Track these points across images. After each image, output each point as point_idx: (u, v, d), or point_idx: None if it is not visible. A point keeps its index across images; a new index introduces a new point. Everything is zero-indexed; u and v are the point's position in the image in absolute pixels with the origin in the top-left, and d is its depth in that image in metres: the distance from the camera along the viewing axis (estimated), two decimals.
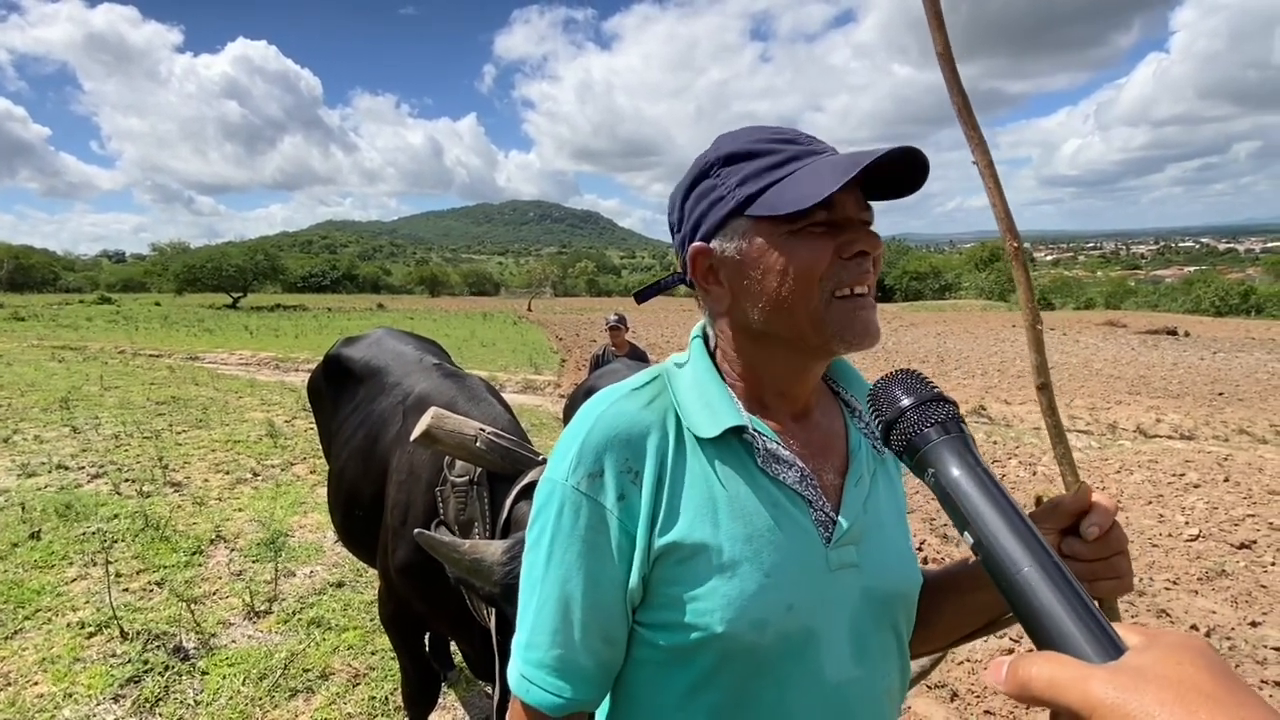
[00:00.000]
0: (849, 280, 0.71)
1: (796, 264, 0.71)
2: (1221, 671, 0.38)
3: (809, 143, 0.74)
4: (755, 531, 0.72)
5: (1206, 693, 0.37)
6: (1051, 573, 0.48)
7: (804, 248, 0.71)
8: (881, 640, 0.78)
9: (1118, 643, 0.44)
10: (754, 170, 0.73)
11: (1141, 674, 0.39)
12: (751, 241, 0.73)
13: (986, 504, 0.53)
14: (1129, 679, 0.38)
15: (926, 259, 64.84)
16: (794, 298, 0.72)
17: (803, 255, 0.71)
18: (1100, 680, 0.39)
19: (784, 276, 0.72)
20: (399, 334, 2.97)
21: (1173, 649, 0.40)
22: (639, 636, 0.76)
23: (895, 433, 0.61)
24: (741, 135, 0.76)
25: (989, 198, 0.71)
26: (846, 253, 0.71)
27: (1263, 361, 15.63)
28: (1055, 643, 0.46)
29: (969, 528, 0.54)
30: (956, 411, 0.61)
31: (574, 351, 17.56)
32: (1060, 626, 0.46)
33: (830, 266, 0.71)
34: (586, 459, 0.73)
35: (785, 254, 0.71)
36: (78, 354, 15.52)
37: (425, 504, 1.90)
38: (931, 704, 3.00)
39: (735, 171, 0.74)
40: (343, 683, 3.01)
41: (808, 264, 0.71)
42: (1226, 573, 4.30)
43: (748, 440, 0.75)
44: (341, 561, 4.18)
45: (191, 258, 46.58)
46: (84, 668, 3.04)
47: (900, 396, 0.61)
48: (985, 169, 0.71)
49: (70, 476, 5.81)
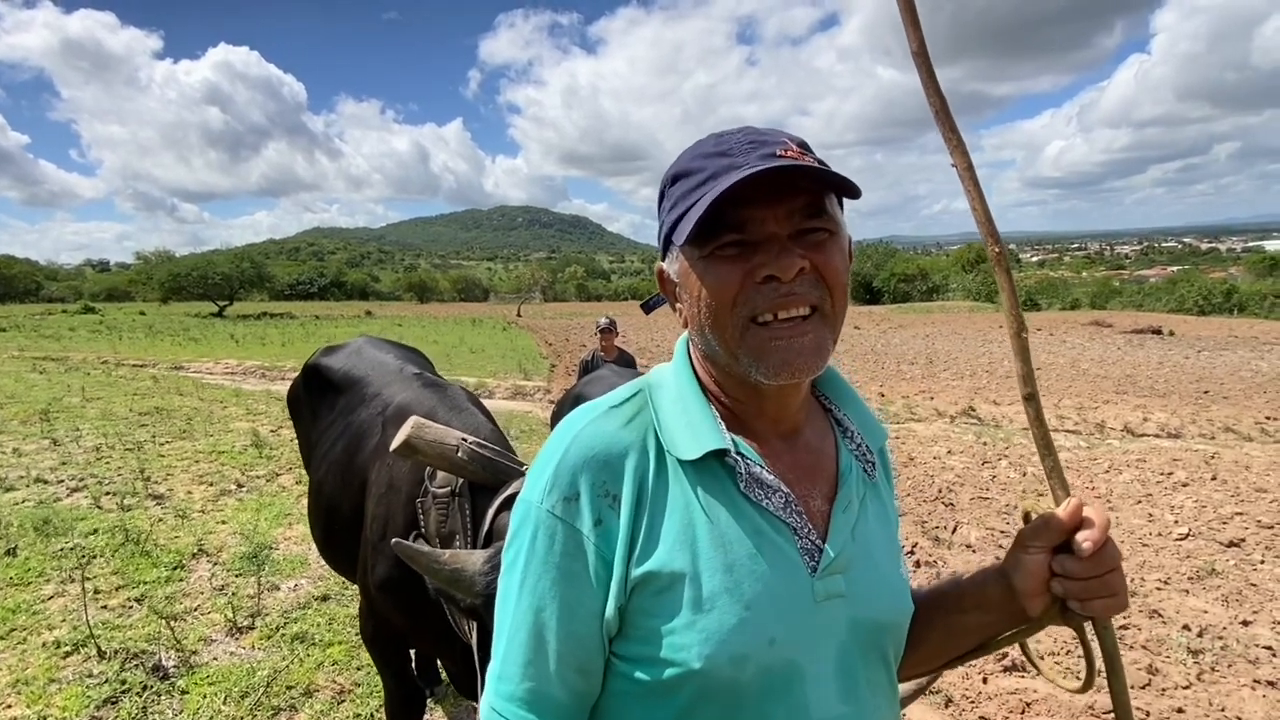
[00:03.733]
0: (764, 306, 0.67)
1: (707, 290, 0.69)
2: None
3: (741, 153, 0.68)
4: (736, 561, 0.68)
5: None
6: None
7: (711, 273, 0.68)
8: (871, 674, 0.74)
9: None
10: (681, 193, 0.70)
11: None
12: (680, 265, 0.72)
13: None
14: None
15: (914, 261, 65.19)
16: (714, 324, 0.69)
17: (710, 281, 0.68)
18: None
19: (699, 302, 0.70)
20: (380, 343, 2.92)
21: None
22: (615, 668, 0.72)
23: None
24: (689, 150, 0.73)
25: (969, 202, 0.68)
26: (755, 277, 0.67)
27: (1246, 359, 15.79)
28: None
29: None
30: None
31: (564, 357, 17.50)
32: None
33: (742, 292, 0.67)
34: (562, 481, 0.69)
35: (699, 279, 0.69)
36: (60, 365, 15.30)
37: (405, 516, 1.85)
38: (926, 710, 2.97)
39: (673, 193, 0.72)
40: (327, 700, 2.94)
41: (714, 290, 0.68)
42: (1217, 571, 4.30)
43: (730, 464, 0.71)
44: (326, 575, 4.11)
45: (176, 266, 46.11)
46: (59, 689, 2.96)
47: None
48: (965, 172, 0.67)
49: (49, 490, 5.70)
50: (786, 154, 0.66)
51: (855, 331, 25.28)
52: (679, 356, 0.80)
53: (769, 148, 0.67)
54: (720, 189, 0.63)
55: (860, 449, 0.80)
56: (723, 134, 0.71)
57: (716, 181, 0.66)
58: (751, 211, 0.66)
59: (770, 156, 0.65)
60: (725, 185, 0.63)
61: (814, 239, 0.68)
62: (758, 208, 0.66)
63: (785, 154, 0.66)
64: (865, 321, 31.18)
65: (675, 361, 0.80)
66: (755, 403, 0.75)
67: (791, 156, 0.65)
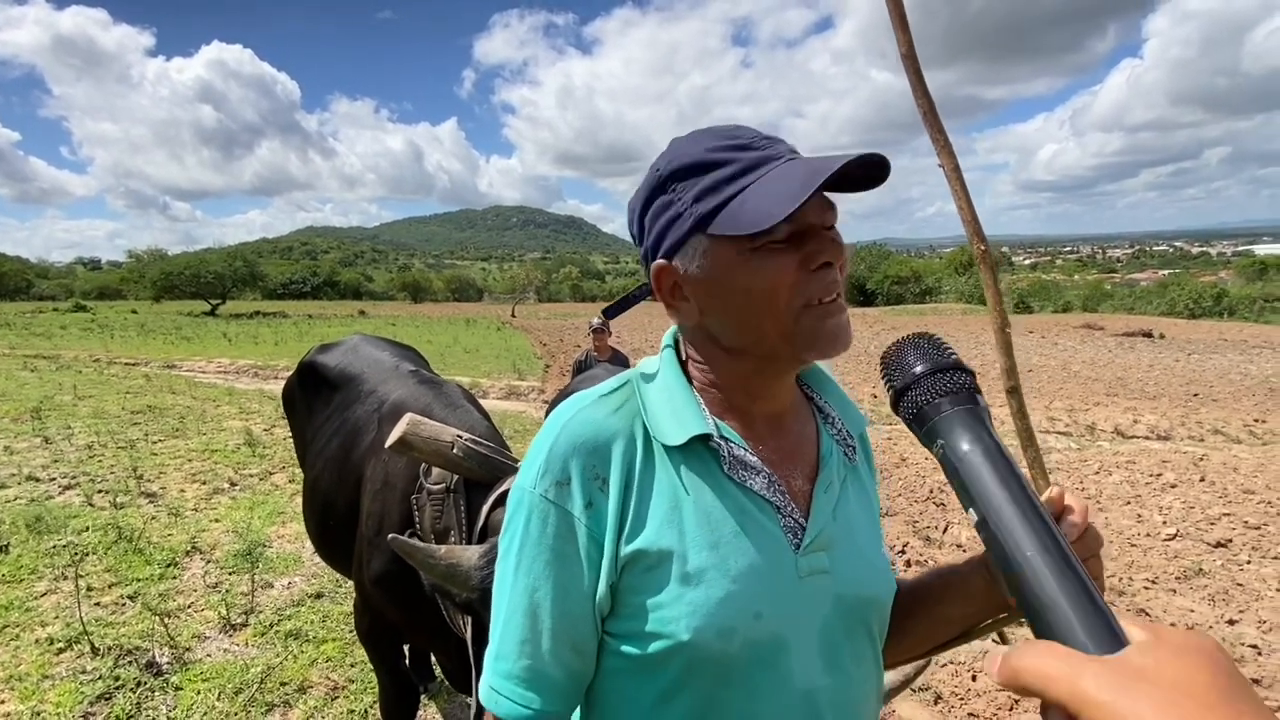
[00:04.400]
0: (817, 293, 0.69)
1: (761, 282, 0.69)
2: (1225, 676, 0.36)
3: (765, 146, 0.70)
4: (721, 538, 0.71)
5: (1201, 698, 0.34)
6: (1057, 559, 0.46)
7: (768, 265, 0.68)
8: (854, 647, 0.77)
9: (1120, 635, 0.41)
10: (710, 184, 0.69)
11: (1139, 673, 0.36)
12: (713, 260, 0.70)
13: (996, 482, 0.50)
14: (1123, 677, 0.36)
15: (907, 263, 65.37)
16: (761, 315, 0.70)
17: (767, 273, 0.68)
18: (1092, 675, 0.37)
19: (748, 295, 0.70)
20: (375, 340, 2.93)
21: (1179, 650, 0.37)
22: (608, 646, 0.74)
23: (905, 400, 0.57)
24: (695, 143, 0.73)
25: (955, 201, 0.71)
26: (812, 265, 0.68)
27: (1235, 363, 15.92)
28: (1053, 631, 0.43)
29: (975, 504, 0.51)
30: (973, 381, 0.57)
31: (558, 357, 17.49)
32: (1060, 614, 0.43)
33: (796, 282, 0.69)
34: (554, 466, 0.72)
35: (748, 272, 0.69)
36: (51, 363, 15.21)
37: (400, 513, 1.86)
38: (915, 708, 2.99)
39: (690, 186, 0.71)
40: (321, 696, 2.95)
41: (772, 282, 0.68)
42: (1204, 571, 4.35)
43: (714, 447, 0.74)
44: (320, 572, 4.11)
45: (169, 265, 45.89)
46: (53, 685, 2.96)
47: (914, 362, 0.58)
48: (951, 172, 0.70)
49: (41, 488, 5.68)
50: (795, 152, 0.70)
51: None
52: (666, 354, 0.82)
53: (783, 144, 0.71)
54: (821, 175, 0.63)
55: (841, 434, 0.83)
56: (719, 129, 0.73)
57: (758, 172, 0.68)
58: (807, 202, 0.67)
59: (792, 151, 0.69)
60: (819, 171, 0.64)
61: (834, 233, 0.71)
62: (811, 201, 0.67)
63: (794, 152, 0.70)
64: (859, 323, 31.24)
65: (662, 358, 0.82)
66: (748, 391, 0.77)
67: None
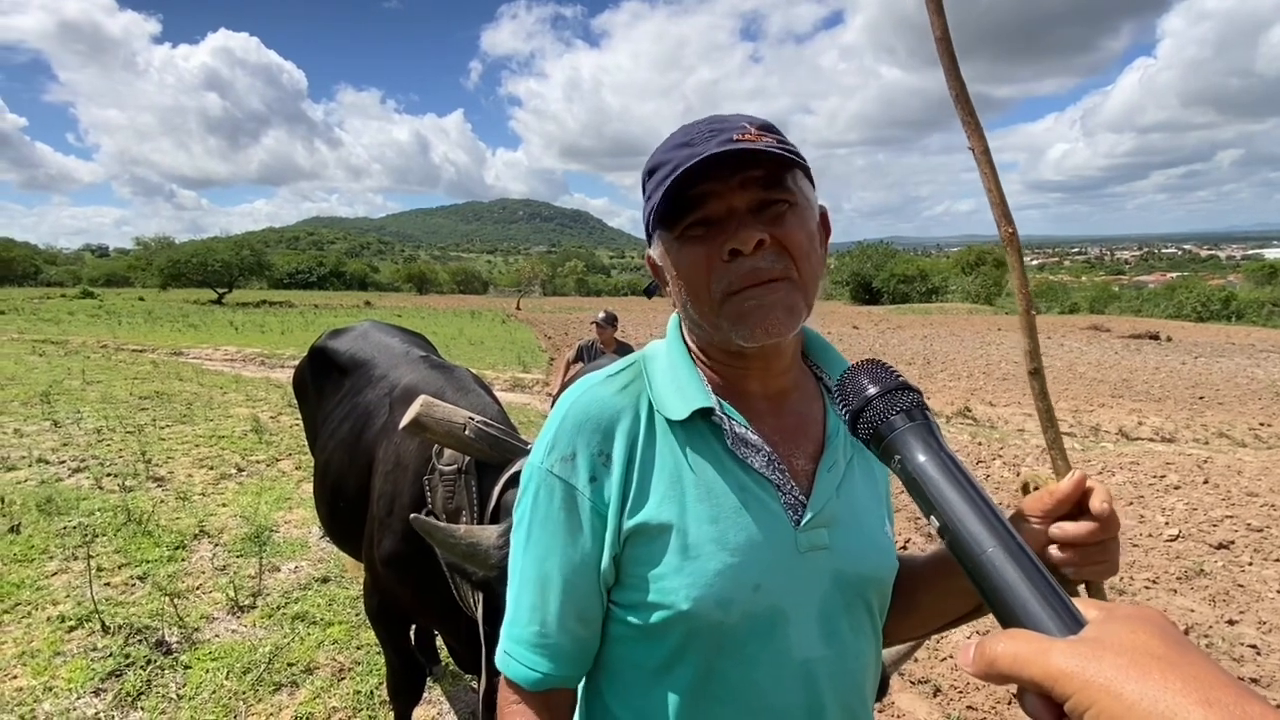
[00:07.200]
0: (737, 284, 0.71)
1: (686, 271, 0.74)
2: (1174, 638, 0.40)
3: (703, 140, 0.71)
4: (722, 512, 0.74)
5: (1159, 656, 0.38)
6: (1015, 553, 0.50)
7: (685, 255, 0.74)
8: (853, 620, 0.79)
9: (1078, 617, 0.45)
10: (655, 183, 0.74)
11: (1100, 643, 0.40)
12: (662, 250, 0.77)
13: (951, 488, 0.54)
14: (1088, 648, 0.40)
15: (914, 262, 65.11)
16: (694, 301, 0.75)
17: (683, 261, 0.74)
18: (1060, 651, 0.40)
19: (679, 283, 0.75)
20: (386, 327, 2.96)
21: (1128, 620, 0.42)
22: (613, 615, 0.78)
23: (862, 421, 0.62)
24: (663, 143, 0.77)
25: (984, 183, 0.72)
26: (721, 254, 0.71)
27: (1242, 366, 15.86)
28: (1019, 619, 0.47)
29: (935, 512, 0.55)
30: (921, 399, 0.62)
31: (563, 351, 17.51)
32: (1023, 603, 0.47)
33: (713, 270, 0.71)
34: (561, 443, 0.76)
35: (675, 261, 0.75)
36: (59, 348, 15.30)
37: (412, 494, 1.89)
38: (914, 699, 3.02)
39: (651, 184, 0.76)
40: (327, 677, 2.99)
41: (689, 271, 0.73)
42: (1205, 572, 4.36)
43: (716, 423, 0.77)
44: (327, 557, 4.16)
45: (176, 253, 46.00)
46: (64, 661, 3.01)
47: (866, 385, 0.62)
48: (981, 155, 0.71)
49: (51, 470, 5.74)
50: (744, 137, 0.70)
51: (854, 331, 25.34)
52: (671, 330, 0.86)
53: (727, 133, 0.71)
54: (674, 175, 0.69)
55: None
56: (689, 125, 0.76)
57: (678, 170, 0.70)
58: (710, 189, 0.71)
59: (727, 141, 0.69)
60: (679, 171, 0.69)
61: (774, 211, 0.72)
62: (715, 187, 0.70)
63: (742, 137, 0.70)
64: (864, 321, 31.22)
65: (668, 334, 0.86)
66: (742, 369, 0.80)
67: (749, 139, 0.69)
